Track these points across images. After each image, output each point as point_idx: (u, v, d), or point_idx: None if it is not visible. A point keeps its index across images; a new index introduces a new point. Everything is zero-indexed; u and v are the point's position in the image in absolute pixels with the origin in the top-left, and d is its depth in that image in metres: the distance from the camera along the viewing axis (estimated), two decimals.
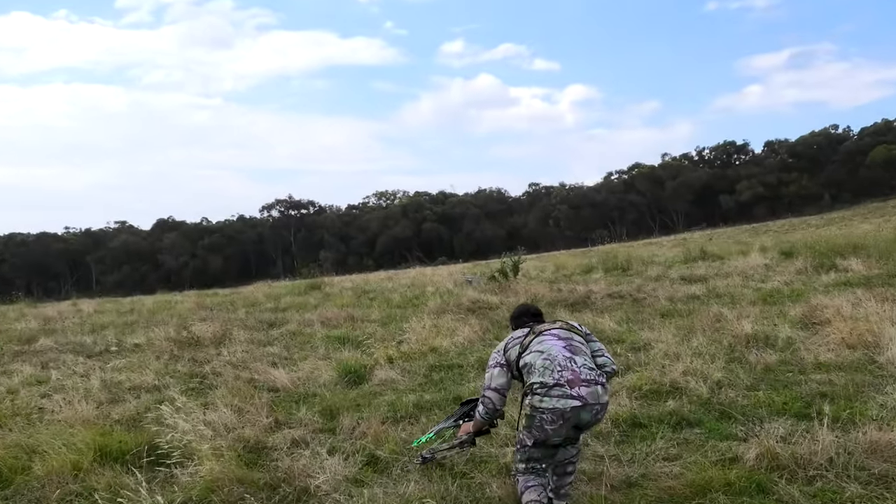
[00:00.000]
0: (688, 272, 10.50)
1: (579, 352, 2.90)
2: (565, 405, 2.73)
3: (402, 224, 75.81)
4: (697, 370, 4.57)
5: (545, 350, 2.89)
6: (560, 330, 3.03)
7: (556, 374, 2.78)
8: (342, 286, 15.50)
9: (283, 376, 5.54)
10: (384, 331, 7.69)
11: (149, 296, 18.94)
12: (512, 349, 3.02)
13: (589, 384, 2.77)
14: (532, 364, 2.87)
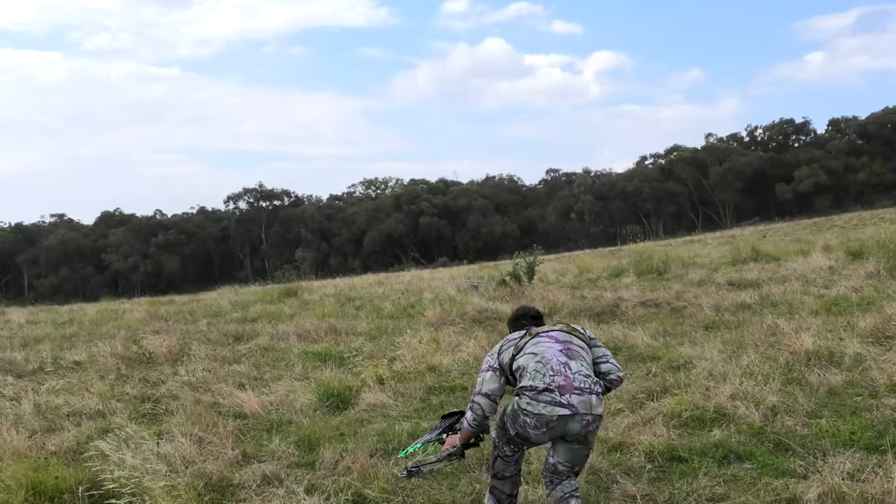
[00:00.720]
0: (737, 276, 10.50)
1: (576, 356, 3.12)
2: (552, 412, 2.95)
3: (394, 218, 76.07)
4: (748, 393, 4.57)
5: (539, 352, 3.11)
6: (559, 332, 3.25)
7: (548, 378, 3.00)
8: (323, 292, 15.53)
9: (253, 400, 5.56)
10: (373, 346, 7.71)
11: (91, 303, 18.98)
12: (506, 352, 3.26)
13: (582, 392, 2.97)
14: (525, 367, 3.10)
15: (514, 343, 3.29)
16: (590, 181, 77.59)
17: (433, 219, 76.45)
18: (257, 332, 9.32)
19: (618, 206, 73.22)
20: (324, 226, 78.60)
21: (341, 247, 77.18)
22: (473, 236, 76.44)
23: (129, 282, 70.27)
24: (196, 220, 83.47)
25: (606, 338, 6.86)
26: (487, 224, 75.74)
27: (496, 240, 75.75)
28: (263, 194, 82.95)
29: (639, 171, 76.80)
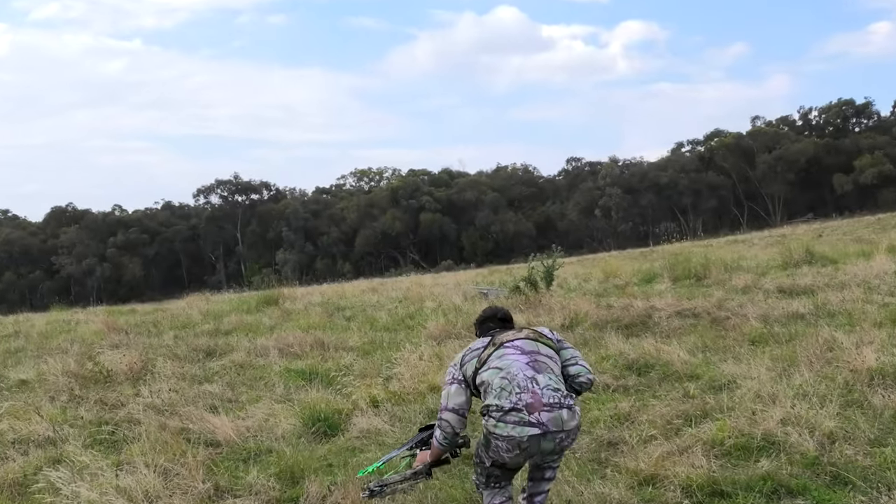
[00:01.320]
0: (788, 281, 10.51)
1: (544, 369, 3.34)
2: (521, 433, 3.17)
3: (390, 214, 76.32)
4: (801, 418, 4.56)
5: (504, 367, 3.33)
6: (525, 341, 3.46)
7: (514, 396, 3.22)
8: (308, 300, 15.55)
9: (227, 425, 5.57)
10: (366, 363, 7.73)
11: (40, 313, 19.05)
12: (468, 364, 3.48)
13: (552, 408, 3.20)
14: (489, 383, 3.32)
15: (476, 354, 3.47)
16: (617, 172, 77.60)
17: (435, 215, 76.68)
18: (232, 347, 9.35)
19: (650, 201, 73.18)
20: (309, 223, 78.97)
21: (329, 248, 77.48)
22: (482, 236, 76.60)
23: (83, 288, 70.53)
24: (161, 218, 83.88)
25: (636, 353, 6.86)
26: (499, 221, 75.88)
27: (509, 240, 75.88)
28: (239, 187, 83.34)
29: (674, 160, 76.81)
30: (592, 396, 5.84)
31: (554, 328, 8.91)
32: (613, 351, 7.11)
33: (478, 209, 77.98)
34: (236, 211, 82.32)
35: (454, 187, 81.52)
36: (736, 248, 25.45)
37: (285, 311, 13.36)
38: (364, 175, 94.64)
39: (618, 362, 6.76)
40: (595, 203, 73.86)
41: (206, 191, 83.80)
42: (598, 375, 6.32)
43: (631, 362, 6.69)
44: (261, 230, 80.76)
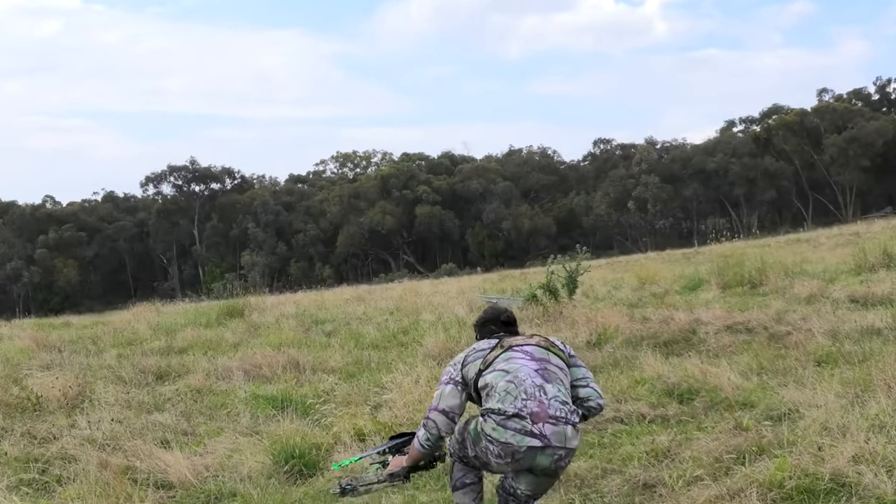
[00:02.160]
0: (862, 290, 10.49)
1: (554, 379, 3.62)
2: (520, 443, 3.43)
3: (380, 208, 76.42)
4: (877, 454, 4.55)
5: (511, 370, 3.61)
6: (535, 348, 3.74)
7: (520, 402, 3.48)
8: (280, 312, 15.51)
9: (181, 463, 5.58)
10: (350, 387, 7.74)
11: None
12: (471, 364, 3.76)
13: (557, 422, 3.46)
14: (493, 385, 3.59)
15: (482, 355, 3.76)
16: (655, 156, 77.78)
17: (434, 209, 76.90)
18: (188, 368, 9.37)
19: (694, 192, 73.26)
20: (281, 218, 79.18)
21: (305, 248, 77.65)
22: (491, 233, 76.73)
23: (7, 296, 70.62)
24: (102, 211, 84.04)
25: (677, 376, 6.87)
26: (511, 216, 76.04)
27: (523, 238, 75.97)
28: (196, 174, 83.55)
29: (724, 143, 76.86)
30: (624, 429, 5.85)
31: (577, 345, 8.98)
32: (650, 373, 7.11)
33: (486, 201, 78.11)
34: (193, 203, 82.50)
35: (457, 175, 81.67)
36: (798, 248, 25.46)
37: (252, 324, 13.35)
38: (348, 160, 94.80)
39: (655, 387, 6.76)
40: (628, 194, 73.90)
41: (157, 179, 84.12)
42: (632, 403, 6.34)
43: (671, 387, 6.69)
44: (223, 227, 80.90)
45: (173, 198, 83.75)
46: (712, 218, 76.25)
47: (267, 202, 79.35)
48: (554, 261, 12.50)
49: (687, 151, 78.94)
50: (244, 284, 23.86)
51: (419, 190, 78.16)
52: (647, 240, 71.03)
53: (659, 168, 75.41)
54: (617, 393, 6.66)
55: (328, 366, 8.96)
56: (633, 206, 73.23)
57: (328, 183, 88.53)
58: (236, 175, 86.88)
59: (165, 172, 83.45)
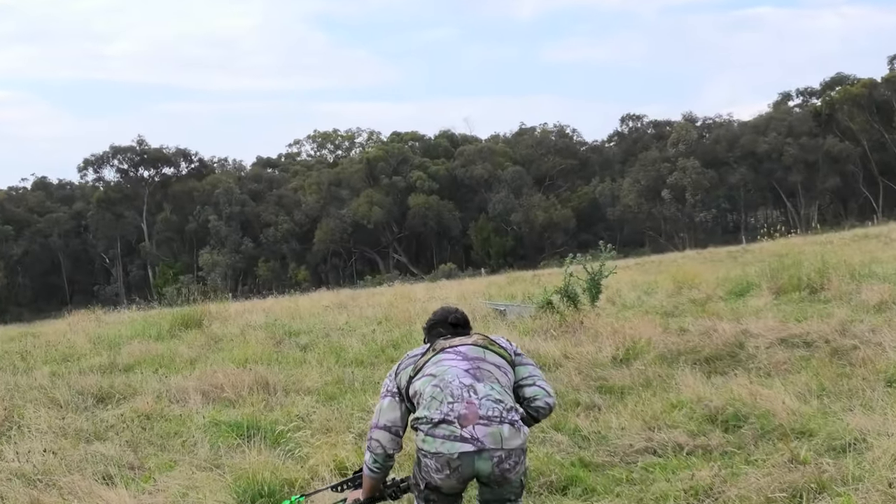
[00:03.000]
0: None
1: (486, 377, 3.90)
2: (451, 450, 3.68)
3: (366, 197, 76.28)
4: None
5: (439, 373, 3.91)
6: (470, 347, 4.05)
7: (446, 406, 3.76)
8: (246, 321, 15.47)
9: (127, 502, 5.57)
10: (329, 412, 7.75)
11: None
12: (403, 372, 4.09)
13: (489, 422, 3.71)
14: (421, 391, 3.91)
15: (413, 361, 4.09)
16: (695, 136, 77.73)
17: (431, 198, 77.05)
18: (134, 389, 9.35)
19: (742, 178, 73.27)
20: (247, 209, 79.18)
21: (276, 245, 77.62)
22: (498, 228, 76.74)
23: None
24: (32, 201, 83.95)
25: (722, 399, 6.87)
26: (522, 208, 76.10)
27: (536, 233, 76.01)
28: (146, 157, 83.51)
29: (778, 120, 76.88)
30: (658, 462, 5.86)
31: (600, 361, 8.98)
32: (688, 396, 7.12)
33: (492, 190, 78.17)
34: (141, 191, 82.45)
35: (458, 159, 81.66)
36: (867, 245, 25.41)
37: (212, 336, 13.34)
38: (328, 140, 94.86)
39: (695, 412, 6.76)
40: (662, 181, 73.90)
41: (98, 162, 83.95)
42: (667, 431, 6.33)
43: (714, 412, 6.70)
44: (177, 219, 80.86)
45: (117, 185, 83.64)
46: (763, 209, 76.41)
47: (230, 190, 79.25)
48: (573, 260, 12.49)
49: (733, 130, 78.89)
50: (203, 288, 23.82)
51: (412, 176, 78.18)
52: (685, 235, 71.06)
53: (699, 150, 75.32)
54: (648, 419, 6.67)
55: (303, 386, 8.95)
56: (669, 195, 73.15)
57: (304, 167, 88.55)
58: (193, 158, 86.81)
59: (108, 154, 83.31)
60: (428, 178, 77.94)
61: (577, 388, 8.12)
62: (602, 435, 6.57)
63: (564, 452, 6.29)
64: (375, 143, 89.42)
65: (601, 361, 8.98)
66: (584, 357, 9.19)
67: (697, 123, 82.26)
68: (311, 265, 77.31)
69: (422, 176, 77.98)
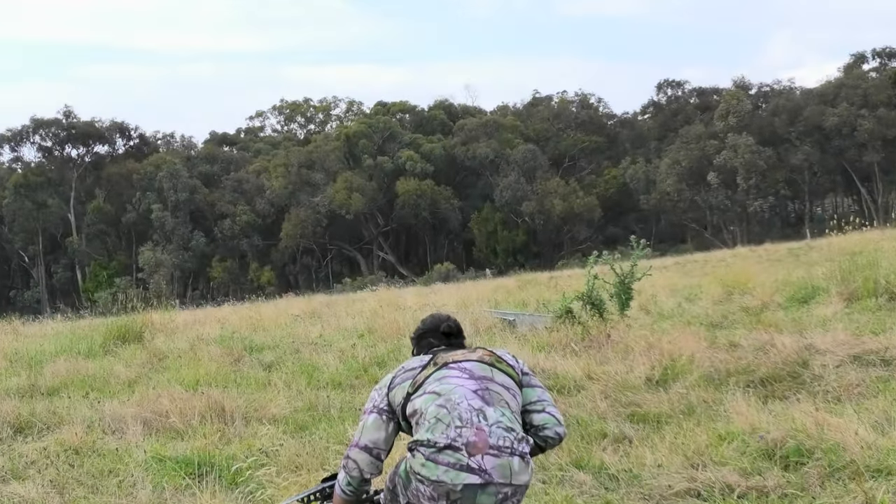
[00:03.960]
0: None
1: (496, 401, 4.08)
2: (455, 480, 3.83)
3: (343, 182, 76.01)
4: None
5: (444, 392, 4.07)
6: (477, 364, 4.23)
7: (453, 430, 3.91)
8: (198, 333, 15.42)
9: None
10: (300, 445, 7.75)
11: None
12: (398, 387, 4.28)
13: (500, 453, 3.88)
14: (423, 411, 4.07)
15: (411, 376, 4.27)
16: (748, 106, 77.70)
17: (424, 184, 76.95)
18: (61, 417, 9.33)
19: (806, 158, 73.26)
20: (199, 196, 79.10)
21: (234, 240, 77.54)
22: (507, 220, 76.69)
23: None
24: None
25: (781, 430, 6.86)
26: (536, 195, 76.10)
27: (553, 227, 75.96)
28: (74, 132, 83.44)
29: (850, 87, 76.84)
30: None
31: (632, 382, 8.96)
32: (740, 425, 7.11)
33: (499, 173, 78.14)
34: (68, 174, 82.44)
35: (457, 135, 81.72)
36: None
37: (156, 352, 13.31)
38: (297, 111, 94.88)
39: (748, 445, 6.76)
40: (708, 162, 73.93)
41: (16, 138, 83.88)
42: (714, 469, 6.33)
43: (771, 445, 6.69)
44: (112, 209, 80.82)
45: (39, 166, 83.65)
46: (832, 197, 76.42)
47: (177, 173, 79.07)
48: (598, 260, 12.48)
49: (795, 99, 78.90)
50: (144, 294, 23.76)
51: (402, 156, 78.19)
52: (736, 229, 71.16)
53: (754, 124, 75.35)
54: (691, 454, 6.66)
55: (268, 413, 8.94)
56: (716, 178, 73.18)
57: (268, 145, 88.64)
58: (132, 133, 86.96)
59: (27, 129, 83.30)
60: (420, 159, 77.88)
61: (603, 415, 8.12)
62: (634, 474, 6.57)
63: (588, 495, 6.29)
64: (356, 115, 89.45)
65: (633, 383, 8.98)
66: (611, 378, 9.19)
67: (751, 91, 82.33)
68: (278, 265, 77.28)
69: (413, 156, 77.94)
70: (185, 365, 11.93)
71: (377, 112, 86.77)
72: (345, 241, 78.87)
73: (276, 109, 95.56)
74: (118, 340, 14.47)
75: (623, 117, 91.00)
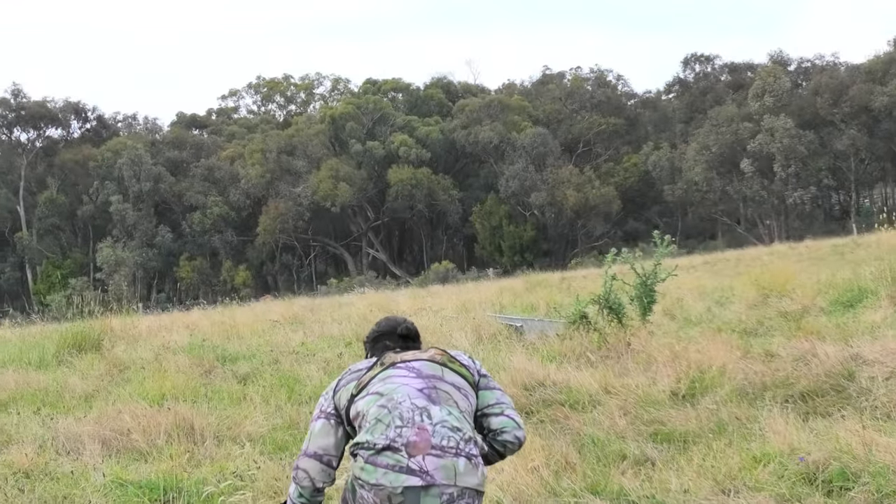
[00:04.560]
0: None
1: (443, 400, 4.29)
2: (395, 483, 4.02)
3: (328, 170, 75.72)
4: None
5: (387, 392, 4.31)
6: (426, 363, 4.45)
7: (393, 430, 4.13)
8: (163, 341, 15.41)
9: None
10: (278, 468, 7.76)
11: None
12: (343, 390, 4.53)
13: (443, 453, 4.07)
14: (364, 413, 4.31)
15: (356, 377, 4.52)
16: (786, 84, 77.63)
17: (420, 172, 76.94)
18: (9, 436, 9.35)
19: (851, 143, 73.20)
20: (164, 187, 79.01)
21: (205, 237, 77.44)
22: (513, 213, 76.66)
23: None
24: None
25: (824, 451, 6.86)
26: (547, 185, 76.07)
27: (566, 220, 75.94)
28: (23, 114, 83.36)
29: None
30: None
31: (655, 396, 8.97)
32: (778, 446, 7.11)
33: (504, 160, 78.19)
34: (17, 161, 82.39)
35: (457, 117, 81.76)
36: None
37: (116, 363, 13.31)
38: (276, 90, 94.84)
39: (786, 468, 6.76)
40: (741, 147, 73.91)
41: None
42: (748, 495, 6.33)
43: (813, 469, 6.69)
44: (67, 200, 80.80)
45: None
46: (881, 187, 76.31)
47: (140, 159, 78.98)
48: (617, 258, 12.47)
49: (840, 77, 78.69)
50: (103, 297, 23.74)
51: (394, 141, 78.17)
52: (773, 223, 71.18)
53: (793, 104, 75.29)
54: (722, 478, 6.67)
55: (242, 431, 8.95)
56: (750, 166, 73.09)
57: (243, 129, 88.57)
58: (89, 114, 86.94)
59: None
60: (416, 145, 77.86)
61: (621, 434, 8.12)
62: (657, 500, 6.57)
63: None
64: (343, 94, 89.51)
65: (656, 398, 8.98)
66: (631, 392, 9.20)
67: (790, 67, 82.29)
68: (254, 264, 77.30)
69: (407, 141, 77.93)
70: (149, 377, 11.91)
71: (366, 91, 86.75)
72: (330, 236, 78.91)
73: (252, 88, 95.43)
74: (73, 349, 14.45)
75: (645, 97, 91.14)
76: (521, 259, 68.30)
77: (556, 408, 8.73)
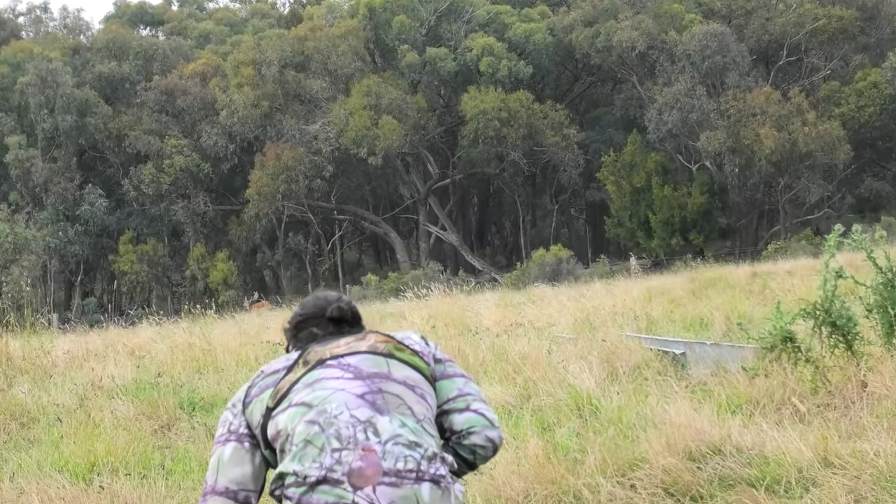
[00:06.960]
0: None
1: (393, 407, 4.76)
2: None
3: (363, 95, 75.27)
4: None
5: (317, 402, 4.76)
6: (365, 357, 4.96)
7: (329, 456, 4.55)
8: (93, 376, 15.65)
9: None
10: None
11: None
12: (256, 401, 5.01)
13: (400, 480, 4.51)
14: (289, 433, 4.74)
15: (272, 382, 5.02)
16: None
17: (515, 99, 76.70)
18: None
19: None
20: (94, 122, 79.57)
21: (157, 205, 77.96)
22: (668, 168, 76.33)
23: None
24: None
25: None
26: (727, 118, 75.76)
27: (758, 179, 75.69)
28: None
29: None
30: None
31: None
32: None
33: (654, 77, 78.19)
34: None
35: (578, 6, 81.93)
36: None
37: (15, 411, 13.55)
38: None
39: None
40: None
41: None
42: None
43: None
44: None
45: None
46: None
47: (55, 77, 79.81)
48: (845, 240, 12.40)
49: None
50: None
51: (472, 48, 78.17)
52: None
53: None
54: None
55: None
56: None
57: (223, 26, 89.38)
58: None
59: None
60: (508, 53, 77.97)
61: None
62: None
63: None
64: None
65: None
66: (869, 464, 9.14)
67: None
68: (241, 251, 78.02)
69: (494, 47, 78.07)
70: (69, 435, 12.03)
71: None
72: (366, 206, 79.53)
73: None
74: None
75: None
76: (684, 242, 68.34)
77: (743, 490, 8.69)
